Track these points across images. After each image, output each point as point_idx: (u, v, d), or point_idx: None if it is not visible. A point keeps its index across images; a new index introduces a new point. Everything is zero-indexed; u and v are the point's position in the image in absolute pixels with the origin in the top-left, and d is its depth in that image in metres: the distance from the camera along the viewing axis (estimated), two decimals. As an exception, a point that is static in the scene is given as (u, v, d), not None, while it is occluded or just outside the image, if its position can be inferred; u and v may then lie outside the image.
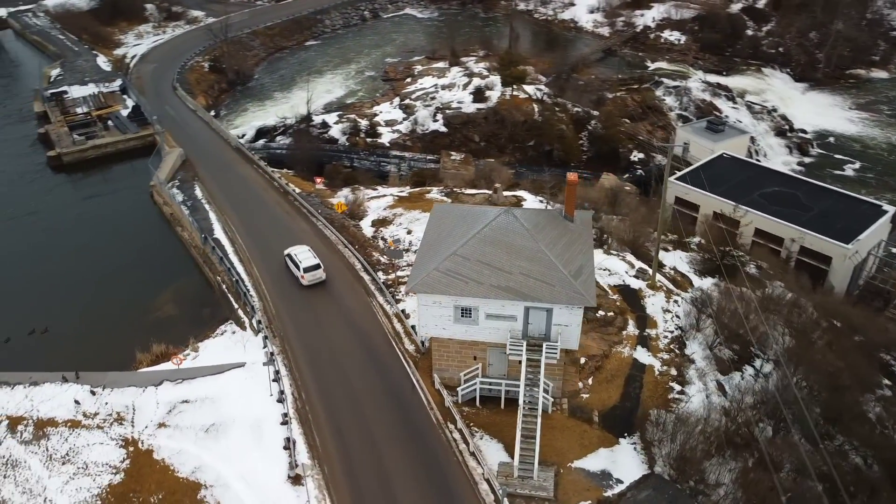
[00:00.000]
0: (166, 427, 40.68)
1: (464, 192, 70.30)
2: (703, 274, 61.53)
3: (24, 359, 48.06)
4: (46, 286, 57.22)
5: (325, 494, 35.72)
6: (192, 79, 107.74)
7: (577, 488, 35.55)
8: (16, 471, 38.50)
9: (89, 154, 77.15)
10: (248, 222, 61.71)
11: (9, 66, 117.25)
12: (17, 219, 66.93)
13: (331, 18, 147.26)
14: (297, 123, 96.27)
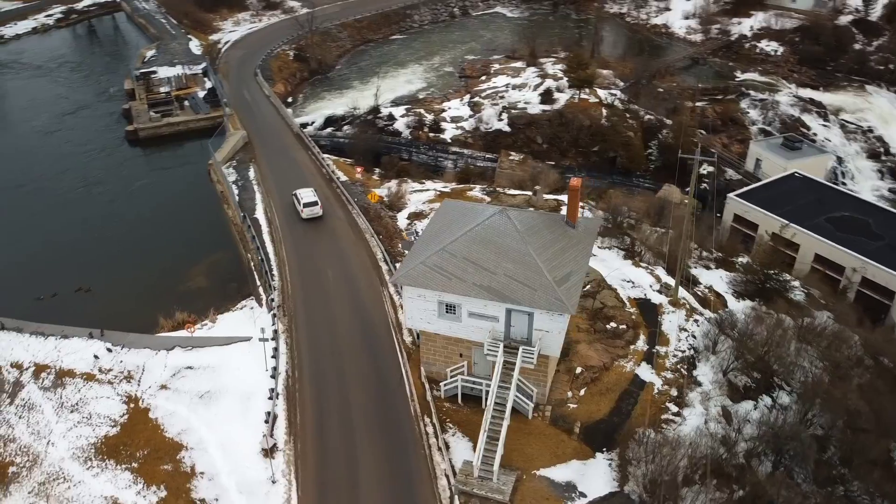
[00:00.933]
0: (167, 389, 43.19)
1: (506, 192, 70.05)
2: (742, 296, 58.74)
3: (64, 313, 52.04)
4: (99, 249, 61.86)
5: (290, 470, 36.98)
6: (274, 66, 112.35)
7: (537, 496, 35.05)
8: (30, 413, 42.05)
9: (163, 130, 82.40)
10: (290, 206, 64.03)
11: (115, 46, 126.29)
12: (88, 187, 72.53)
13: (420, 14, 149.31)
14: (365, 114, 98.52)
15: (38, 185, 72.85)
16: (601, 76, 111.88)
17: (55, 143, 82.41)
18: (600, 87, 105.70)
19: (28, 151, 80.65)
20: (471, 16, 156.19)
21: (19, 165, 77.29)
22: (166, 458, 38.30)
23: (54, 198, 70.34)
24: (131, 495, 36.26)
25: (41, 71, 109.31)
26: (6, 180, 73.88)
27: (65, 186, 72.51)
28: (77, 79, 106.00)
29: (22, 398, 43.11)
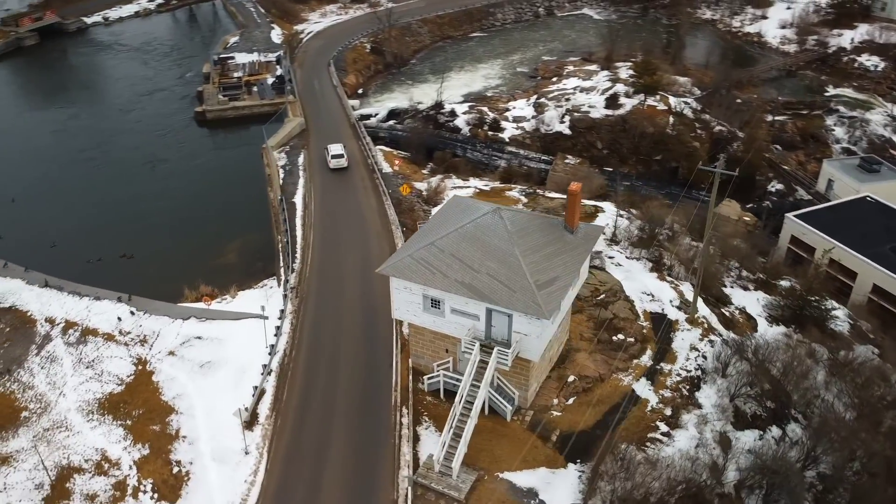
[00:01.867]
0: (173, 356, 45.66)
1: (544, 195, 69.23)
2: (777, 321, 55.76)
3: (105, 277, 55.91)
4: (149, 220, 65.90)
5: (265, 443, 38.36)
6: (349, 58, 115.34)
7: (493, 498, 34.80)
8: (52, 365, 45.55)
9: (229, 113, 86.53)
10: (327, 191, 65.94)
11: (210, 32, 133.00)
12: (151, 163, 77.26)
13: (503, 12, 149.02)
14: (428, 109, 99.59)
15: (107, 158, 78.26)
16: (676, 83, 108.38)
17: (130, 121, 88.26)
18: (674, 94, 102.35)
19: (105, 127, 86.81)
20: (556, 16, 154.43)
21: (95, 140, 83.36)
22: (157, 419, 40.58)
23: (119, 170, 75.50)
24: (119, 450, 38.69)
25: (135, 52, 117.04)
26: (80, 152, 79.92)
27: (130, 160, 77.67)
28: (165, 61, 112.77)
29: (48, 350, 46.72)
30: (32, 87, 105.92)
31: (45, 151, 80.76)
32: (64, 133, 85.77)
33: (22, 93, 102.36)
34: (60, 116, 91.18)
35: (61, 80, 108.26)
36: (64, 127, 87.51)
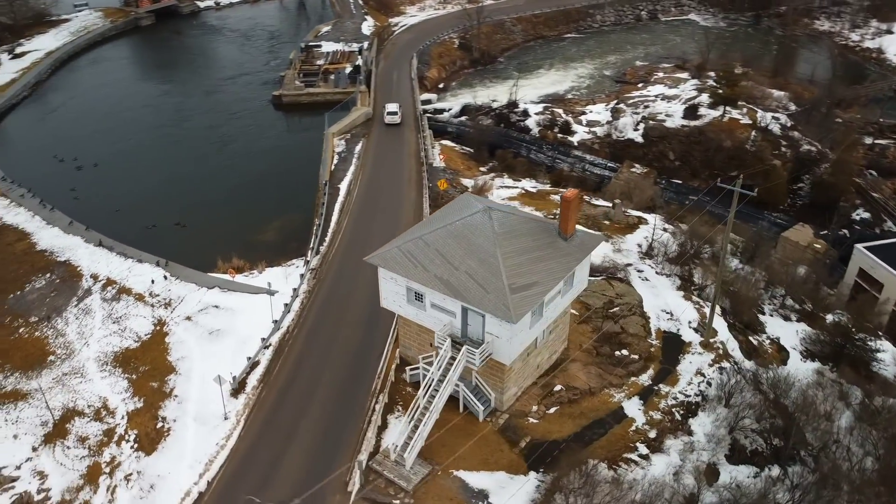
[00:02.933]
0: (190, 321, 48.68)
1: (590, 202, 67.80)
2: (813, 356, 52.27)
3: (154, 242, 60.17)
4: (208, 193, 70.24)
5: (245, 412, 40.33)
6: (435, 52, 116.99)
7: (441, 494, 34.99)
8: (85, 317, 49.77)
9: (303, 99, 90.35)
10: (373, 180, 67.69)
11: (312, 21, 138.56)
12: (221, 141, 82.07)
13: (603, 14, 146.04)
14: (501, 107, 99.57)
15: (183, 134, 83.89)
16: (770, 97, 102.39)
17: (212, 101, 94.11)
18: (765, 108, 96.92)
19: (189, 105, 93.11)
20: (659, 20, 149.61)
21: (177, 116, 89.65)
22: (158, 377, 43.54)
23: (191, 146, 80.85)
24: (118, 400, 41.91)
25: (237, 37, 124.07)
26: (161, 127, 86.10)
27: (203, 137, 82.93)
28: (261, 47, 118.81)
29: (85, 303, 51.07)
30: (140, 64, 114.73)
31: (134, 122, 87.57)
32: (153, 107, 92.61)
33: (130, 68, 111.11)
34: (155, 92, 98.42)
35: (165, 58, 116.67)
36: (155, 102, 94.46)
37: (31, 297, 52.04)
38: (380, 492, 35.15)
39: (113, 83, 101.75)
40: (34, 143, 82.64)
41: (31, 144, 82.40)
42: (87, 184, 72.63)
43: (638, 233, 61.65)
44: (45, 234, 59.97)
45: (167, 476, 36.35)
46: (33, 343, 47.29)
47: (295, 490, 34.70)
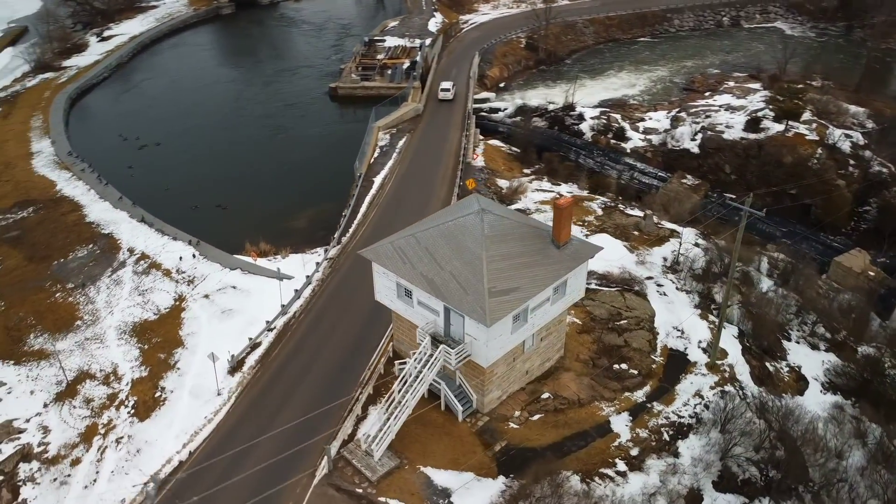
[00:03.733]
0: (207, 298, 51.10)
1: (624, 211, 66.50)
2: (835, 389, 49.74)
3: (193, 221, 63.33)
4: (251, 178, 73.12)
5: (237, 390, 42.16)
6: (499, 51, 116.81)
7: (403, 488, 35.57)
8: (115, 287, 53.06)
9: (358, 92, 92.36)
10: (408, 176, 68.69)
11: (386, 15, 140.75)
12: (272, 130, 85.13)
13: (681, 19, 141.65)
14: (557, 110, 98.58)
15: (239, 121, 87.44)
16: (846, 112, 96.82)
17: (272, 90, 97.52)
18: (838, 124, 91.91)
19: (249, 94, 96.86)
20: (742, 27, 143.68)
21: (237, 104, 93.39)
22: (166, 349, 46.02)
23: (244, 132, 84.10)
24: (126, 367, 44.61)
25: (310, 29, 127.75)
26: (221, 112, 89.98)
27: (256, 125, 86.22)
28: (330, 39, 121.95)
29: (118, 275, 54.42)
30: (213, 51, 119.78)
31: (198, 107, 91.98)
32: (218, 93, 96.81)
33: (204, 54, 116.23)
34: (222, 79, 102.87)
35: (237, 47, 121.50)
36: (220, 88, 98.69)
37: (72, 266, 55.85)
38: (346, 479, 36.10)
39: (186, 68, 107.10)
40: (105, 121, 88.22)
41: (101, 122, 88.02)
42: (145, 162, 77.02)
43: (667, 246, 60.06)
44: (95, 207, 64.08)
45: (154, 442, 38.55)
46: (65, 308, 50.82)
47: (267, 468, 36.05)
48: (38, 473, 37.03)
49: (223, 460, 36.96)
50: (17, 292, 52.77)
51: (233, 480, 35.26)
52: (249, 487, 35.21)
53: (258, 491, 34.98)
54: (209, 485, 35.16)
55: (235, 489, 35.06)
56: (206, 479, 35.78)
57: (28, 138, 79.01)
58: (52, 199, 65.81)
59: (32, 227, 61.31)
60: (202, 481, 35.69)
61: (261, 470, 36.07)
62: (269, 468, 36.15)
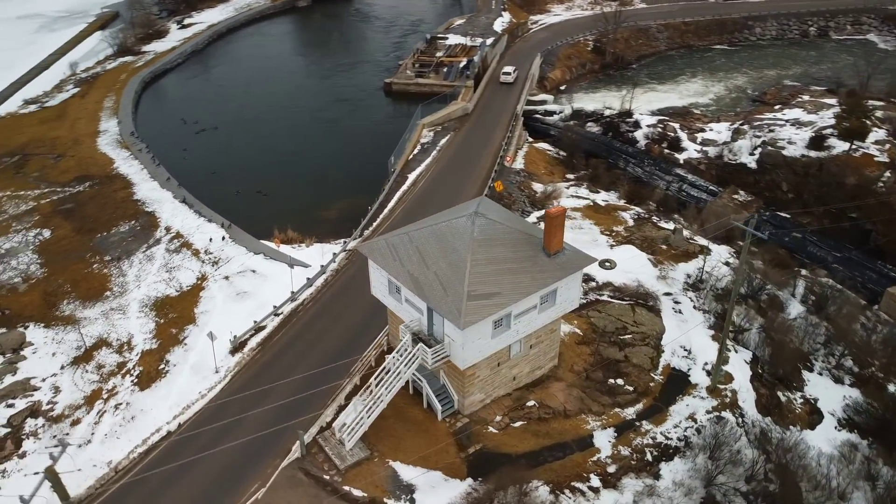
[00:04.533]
0: (227, 280, 53.45)
1: (656, 223, 64.85)
2: (852, 427, 47.37)
3: (231, 205, 66.16)
4: (295, 167, 75.58)
5: (234, 370, 44.05)
6: (564, 53, 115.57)
7: (369, 479, 36.33)
8: (147, 263, 56.26)
9: (411, 88, 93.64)
10: (443, 174, 69.35)
11: (459, 12, 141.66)
12: (324, 121, 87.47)
13: (763, 27, 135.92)
14: (613, 115, 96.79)
15: (293, 112, 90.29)
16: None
17: (329, 84, 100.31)
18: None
19: (308, 85, 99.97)
20: (830, 38, 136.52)
21: (294, 94, 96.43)
22: (179, 325, 48.51)
23: (296, 122, 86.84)
24: (140, 338, 47.35)
25: (380, 24, 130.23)
26: (278, 102, 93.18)
27: (308, 116, 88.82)
28: (397, 34, 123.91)
29: (151, 251, 57.66)
30: (285, 42, 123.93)
31: (259, 96, 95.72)
32: (280, 83, 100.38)
33: (274, 45, 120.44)
34: (285, 69, 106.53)
35: (308, 39, 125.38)
36: (281, 78, 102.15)
37: (112, 239, 59.54)
38: (316, 465, 37.22)
39: (254, 58, 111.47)
40: (170, 105, 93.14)
41: (167, 106, 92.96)
42: (200, 145, 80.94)
43: (694, 262, 58.25)
44: (144, 185, 67.95)
45: (149, 411, 40.88)
46: (99, 278, 54.33)
47: (246, 445, 37.65)
48: (41, 429, 39.99)
49: (208, 432, 38.78)
50: (60, 261, 56.76)
51: (212, 452, 37.00)
52: (225, 462, 36.91)
53: (233, 466, 36.64)
54: (189, 454, 37.09)
55: (213, 461, 36.83)
56: (188, 449, 37.70)
57: (98, 117, 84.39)
58: (108, 176, 70.17)
59: (85, 202, 65.63)
60: (184, 451, 37.64)
61: (240, 445, 37.68)
62: (247, 445, 37.73)
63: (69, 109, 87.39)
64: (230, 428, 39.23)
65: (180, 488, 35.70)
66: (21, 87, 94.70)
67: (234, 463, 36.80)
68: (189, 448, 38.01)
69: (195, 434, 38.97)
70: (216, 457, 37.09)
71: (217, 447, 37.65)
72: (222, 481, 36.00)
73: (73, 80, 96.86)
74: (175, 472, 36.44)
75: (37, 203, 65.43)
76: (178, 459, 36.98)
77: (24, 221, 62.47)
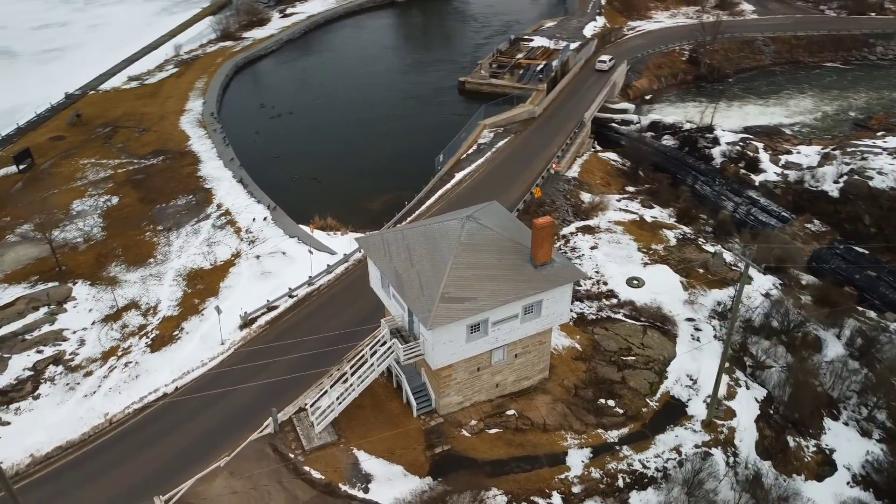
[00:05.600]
0: (257, 259, 56.37)
1: (700, 245, 62.12)
2: (867, 485, 43.98)
3: (284, 189, 69.45)
4: (355, 157, 78.20)
5: (238, 343, 46.55)
6: (654, 62, 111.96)
7: (329, 463, 37.54)
8: (192, 236, 60.23)
9: (484, 88, 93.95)
10: (490, 176, 69.58)
11: (556, 13, 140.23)
12: (392, 114, 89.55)
13: (886, 45, 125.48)
14: (693, 129, 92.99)
15: (362, 104, 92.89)
16: None
17: (406, 79, 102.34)
18: None
19: (383, 80, 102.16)
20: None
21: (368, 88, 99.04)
22: (203, 296, 51.80)
23: (365, 113, 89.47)
24: (166, 305, 50.97)
25: (474, 23, 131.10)
26: (347, 95, 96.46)
27: (378, 108, 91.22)
28: (487, 33, 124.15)
29: (199, 225, 61.64)
30: (375, 36, 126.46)
31: (335, 85, 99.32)
32: (358, 75, 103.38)
33: (364, 39, 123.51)
34: (368, 62, 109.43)
35: (398, 35, 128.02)
36: (361, 71, 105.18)
37: (169, 211, 64.12)
38: (285, 442, 38.92)
39: (342, 49, 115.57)
40: (255, 89, 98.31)
41: (251, 90, 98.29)
42: (272, 129, 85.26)
43: (730, 290, 55.46)
44: (210, 164, 72.51)
45: (152, 372, 44.10)
46: (147, 246, 58.79)
47: (229, 415, 39.96)
48: (58, 376, 44.10)
49: (200, 399, 41.42)
50: (120, 226, 61.82)
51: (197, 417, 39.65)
52: (207, 427, 39.45)
53: (211, 432, 39.04)
54: (177, 417, 39.90)
55: (196, 425, 39.54)
56: (177, 412, 40.52)
57: (187, 97, 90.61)
58: (181, 152, 75.40)
59: (155, 174, 70.94)
60: (173, 413, 40.48)
61: (225, 415, 40.09)
62: (231, 415, 40.05)
63: (164, 88, 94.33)
64: (221, 397, 41.67)
65: (158, 447, 38.42)
66: (129, 65, 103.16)
67: (213, 430, 39.17)
68: (179, 411, 40.81)
69: (187, 399, 41.69)
70: (200, 422, 39.69)
71: (203, 414, 40.17)
72: (198, 445, 38.38)
73: (174, 61, 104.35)
74: (160, 431, 39.35)
75: (114, 172, 71.37)
76: (165, 420, 39.82)
77: (99, 187, 68.36)
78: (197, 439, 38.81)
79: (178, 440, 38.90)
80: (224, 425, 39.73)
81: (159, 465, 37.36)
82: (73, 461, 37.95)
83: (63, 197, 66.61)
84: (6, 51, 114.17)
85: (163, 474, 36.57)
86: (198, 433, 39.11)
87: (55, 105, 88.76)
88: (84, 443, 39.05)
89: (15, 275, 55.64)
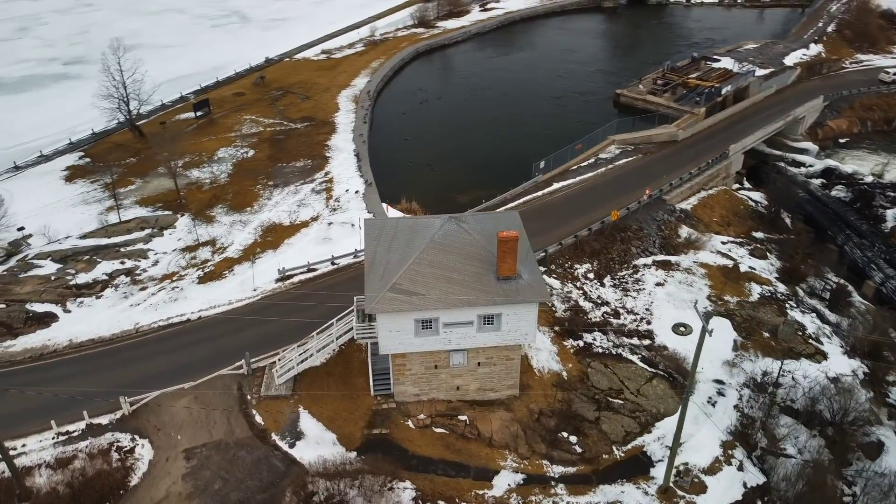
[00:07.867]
0: (328, 225, 61.01)
1: (789, 309, 55.17)
2: None
3: (395, 170, 73.97)
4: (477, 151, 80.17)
5: (267, 293, 51.70)
6: (863, 102, 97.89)
7: (272, 413, 40.90)
8: (291, 195, 66.93)
9: (637, 103, 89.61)
10: (587, 192, 67.72)
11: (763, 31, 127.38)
12: (535, 115, 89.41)
13: None
14: (872, 183, 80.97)
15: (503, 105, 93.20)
16: None
17: (561, 83, 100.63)
18: None
19: (540, 80, 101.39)
20: None
21: (518, 88, 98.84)
22: (266, 246, 57.89)
23: (506, 111, 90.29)
24: (234, 248, 57.88)
25: (675, 37, 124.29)
26: (498, 91, 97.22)
27: (521, 108, 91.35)
28: (677, 49, 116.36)
29: (301, 188, 68.10)
30: (567, 38, 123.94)
31: (492, 80, 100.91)
32: (518, 72, 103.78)
33: (549, 39, 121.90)
34: (536, 62, 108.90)
35: (593, 41, 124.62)
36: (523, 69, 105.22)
37: (286, 170, 71.73)
38: (250, 384, 43.22)
39: (521, 47, 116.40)
40: (422, 73, 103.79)
41: (418, 73, 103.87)
42: (417, 112, 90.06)
43: (789, 364, 48.96)
44: (341, 136, 79.25)
45: (187, 300, 50.92)
46: (253, 196, 66.65)
47: (223, 351, 45.18)
48: (122, 285, 52.78)
49: (209, 330, 47.36)
50: (242, 175, 70.68)
51: (198, 345, 45.55)
52: (199, 356, 45.00)
53: (200, 362, 44.39)
54: (185, 342, 46.24)
55: (192, 352, 45.40)
56: (186, 337, 46.84)
57: (358, 73, 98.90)
58: (325, 122, 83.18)
59: (294, 136, 79.34)
60: (184, 337, 46.86)
61: (221, 350, 45.35)
62: (225, 351, 45.21)
63: (343, 63, 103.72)
64: (227, 333, 47.16)
65: (156, 361, 44.77)
66: (327, 40, 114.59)
67: (203, 360, 44.50)
68: (189, 336, 47.09)
69: (199, 328, 47.81)
70: (196, 350, 45.50)
71: (206, 344, 45.98)
72: (183, 368, 43.96)
73: (364, 41, 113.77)
74: (167, 348, 45.90)
75: (263, 129, 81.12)
76: (175, 341, 46.37)
77: (245, 140, 78.34)
78: (186, 365, 44.30)
79: (172, 359, 44.92)
80: (215, 358, 44.86)
81: (152, 374, 43.59)
82: (96, 354, 45.79)
83: (215, 143, 77.49)
84: (241, 16, 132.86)
85: (147, 382, 42.76)
86: (190, 359, 44.75)
87: (253, 67, 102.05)
88: (110, 341, 46.83)
89: (148, 199, 66.66)
